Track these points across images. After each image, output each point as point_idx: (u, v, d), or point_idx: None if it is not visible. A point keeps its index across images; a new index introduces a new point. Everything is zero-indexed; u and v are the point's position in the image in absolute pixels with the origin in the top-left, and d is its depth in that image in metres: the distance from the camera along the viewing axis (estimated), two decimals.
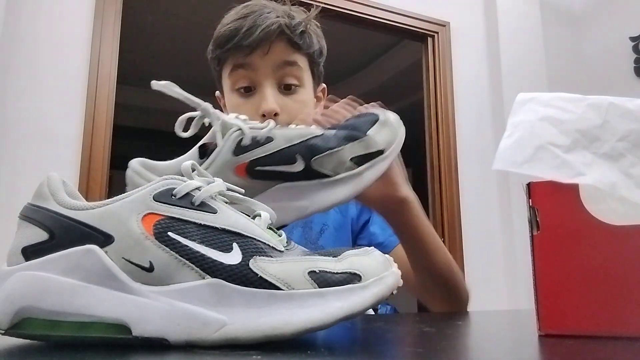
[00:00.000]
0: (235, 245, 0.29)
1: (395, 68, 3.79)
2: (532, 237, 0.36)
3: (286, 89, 0.70)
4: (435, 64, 2.44)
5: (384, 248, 0.73)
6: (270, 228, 0.33)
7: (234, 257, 0.29)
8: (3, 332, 0.28)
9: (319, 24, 0.74)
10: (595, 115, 0.36)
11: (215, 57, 0.72)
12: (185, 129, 0.43)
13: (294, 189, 0.44)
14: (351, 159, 0.45)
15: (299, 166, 0.43)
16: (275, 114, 0.67)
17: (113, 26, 1.83)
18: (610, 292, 0.34)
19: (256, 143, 0.42)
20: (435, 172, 2.37)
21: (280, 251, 0.31)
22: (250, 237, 0.30)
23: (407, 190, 0.61)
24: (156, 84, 0.42)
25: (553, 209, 0.35)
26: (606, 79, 2.66)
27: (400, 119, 0.51)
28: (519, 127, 0.37)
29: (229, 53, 0.69)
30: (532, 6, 2.63)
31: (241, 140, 0.42)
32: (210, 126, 0.45)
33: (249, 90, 0.70)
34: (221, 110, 0.77)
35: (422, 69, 2.52)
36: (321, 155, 0.44)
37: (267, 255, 0.30)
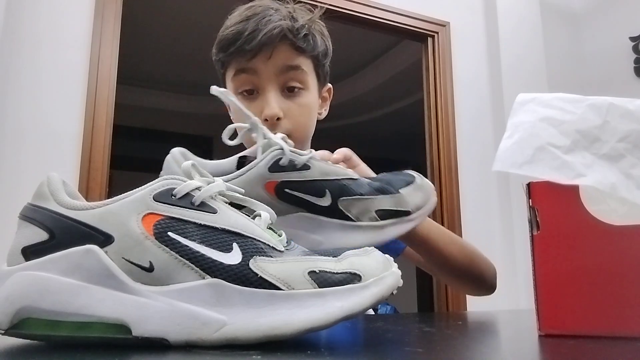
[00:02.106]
0: (235, 245, 0.29)
1: (395, 68, 3.78)
2: (532, 237, 0.36)
3: (290, 91, 0.70)
4: (435, 64, 2.44)
5: (397, 244, 0.73)
6: (270, 228, 0.33)
7: (234, 257, 0.29)
8: (3, 332, 0.28)
9: (323, 24, 0.73)
10: (595, 116, 0.36)
11: (219, 60, 0.72)
12: (232, 138, 0.45)
13: (314, 221, 0.44)
14: (377, 211, 0.45)
15: (326, 201, 0.44)
16: (278, 119, 0.67)
17: (113, 26, 1.83)
18: (610, 292, 0.34)
19: (293, 166, 0.43)
20: (435, 172, 2.37)
21: (280, 251, 0.31)
22: (250, 237, 0.30)
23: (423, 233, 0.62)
24: (215, 90, 0.44)
25: (553, 209, 0.35)
26: (606, 79, 2.66)
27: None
28: (519, 128, 0.37)
29: (231, 57, 0.69)
30: (532, 6, 2.63)
31: (279, 159, 0.43)
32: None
33: (252, 93, 0.69)
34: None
35: (422, 69, 2.52)
36: (350, 197, 0.44)
37: (267, 255, 0.30)
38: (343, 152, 0.56)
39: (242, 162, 0.47)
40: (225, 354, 0.26)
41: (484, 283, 0.71)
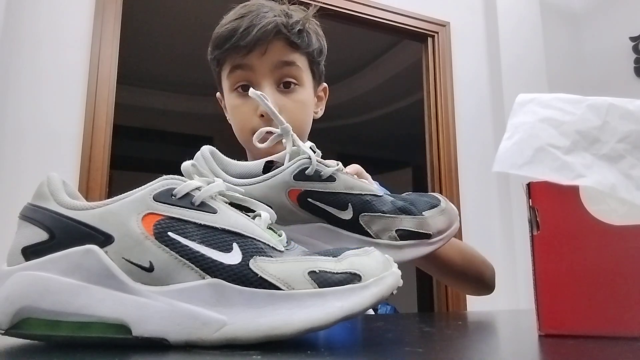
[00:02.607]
0: (235, 245, 0.29)
1: (395, 68, 3.79)
2: (532, 237, 0.36)
3: (285, 87, 0.70)
4: (435, 64, 2.44)
5: None
6: (270, 228, 0.33)
7: (234, 257, 0.29)
8: (3, 332, 0.28)
9: (318, 23, 0.74)
10: (595, 117, 0.36)
11: (214, 58, 0.72)
12: (262, 142, 0.46)
13: (333, 233, 0.44)
14: (397, 230, 0.45)
15: (347, 215, 0.44)
16: None
17: (113, 26, 1.83)
18: (610, 292, 0.34)
19: (318, 177, 0.44)
20: (435, 172, 2.37)
21: (280, 251, 0.31)
22: (250, 237, 0.30)
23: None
24: (252, 92, 0.45)
25: (553, 209, 0.35)
26: (606, 79, 2.66)
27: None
28: (519, 129, 0.37)
29: (227, 54, 0.69)
30: (532, 6, 2.63)
31: (306, 168, 0.43)
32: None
33: (247, 90, 0.69)
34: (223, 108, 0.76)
35: (422, 69, 2.52)
36: (371, 214, 0.45)
37: (267, 255, 0.30)
38: (355, 167, 0.56)
39: (268, 167, 0.48)
40: (225, 354, 0.26)
41: (483, 284, 0.72)
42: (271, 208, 0.42)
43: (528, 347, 0.32)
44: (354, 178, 0.47)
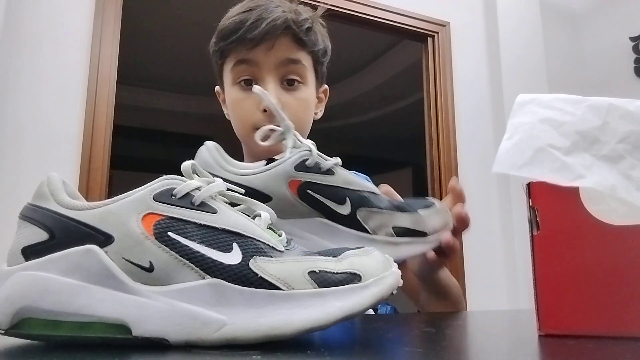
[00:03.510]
0: (235, 245, 0.29)
1: (395, 68, 3.79)
2: (532, 237, 0.36)
3: (289, 85, 0.69)
4: (435, 64, 2.44)
5: None
6: (270, 228, 0.33)
7: (234, 257, 0.29)
8: (3, 332, 0.28)
9: (324, 24, 0.74)
10: (595, 117, 0.36)
11: (218, 49, 0.70)
12: (264, 139, 0.47)
13: (330, 228, 0.45)
14: (394, 227, 0.46)
15: (345, 209, 0.45)
16: None
17: (113, 26, 1.83)
18: (610, 292, 0.34)
19: (318, 169, 0.45)
20: (435, 172, 2.37)
21: (280, 251, 0.31)
22: (250, 237, 0.30)
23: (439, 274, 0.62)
24: (257, 89, 0.47)
25: (553, 209, 0.35)
26: (606, 79, 2.66)
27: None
28: (519, 129, 0.37)
29: (232, 46, 0.68)
30: (532, 6, 2.63)
31: (306, 160, 0.44)
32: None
33: (250, 84, 0.68)
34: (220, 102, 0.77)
35: (422, 69, 2.52)
36: (368, 208, 0.45)
37: (267, 255, 0.30)
38: (385, 187, 0.56)
39: None
40: (225, 354, 0.26)
41: (453, 308, 0.70)
42: (272, 199, 0.42)
43: (528, 347, 0.32)
44: (352, 174, 0.47)
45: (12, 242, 0.30)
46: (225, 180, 0.34)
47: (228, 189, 0.33)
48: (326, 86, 0.81)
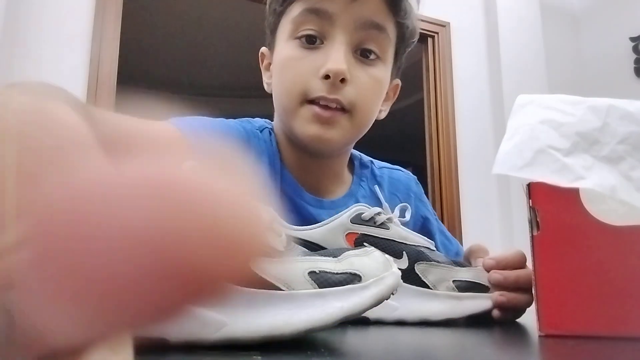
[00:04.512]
0: None
1: None
2: (532, 237, 0.36)
3: (362, 56, 0.55)
4: (435, 64, 2.44)
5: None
6: (270, 228, 0.33)
7: None
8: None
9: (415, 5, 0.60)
10: (595, 118, 0.36)
11: None
12: None
13: None
14: (454, 281, 0.46)
15: (403, 263, 0.45)
16: (343, 80, 0.52)
17: (113, 26, 1.83)
18: (610, 292, 0.34)
19: (373, 223, 0.46)
20: (435, 172, 2.37)
21: (280, 251, 0.31)
22: None
23: None
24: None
25: (553, 209, 0.35)
26: (606, 79, 2.66)
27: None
28: (519, 130, 0.37)
29: None
30: (532, 6, 2.63)
31: (362, 213, 0.45)
32: None
33: (312, 42, 0.54)
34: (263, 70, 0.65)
35: (422, 69, 2.52)
36: (426, 262, 0.45)
37: (267, 256, 0.30)
38: (479, 246, 0.54)
39: None
40: (225, 354, 0.26)
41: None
42: None
43: (528, 347, 0.32)
44: (407, 230, 0.47)
45: None
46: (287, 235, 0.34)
47: None
48: (399, 81, 0.65)
